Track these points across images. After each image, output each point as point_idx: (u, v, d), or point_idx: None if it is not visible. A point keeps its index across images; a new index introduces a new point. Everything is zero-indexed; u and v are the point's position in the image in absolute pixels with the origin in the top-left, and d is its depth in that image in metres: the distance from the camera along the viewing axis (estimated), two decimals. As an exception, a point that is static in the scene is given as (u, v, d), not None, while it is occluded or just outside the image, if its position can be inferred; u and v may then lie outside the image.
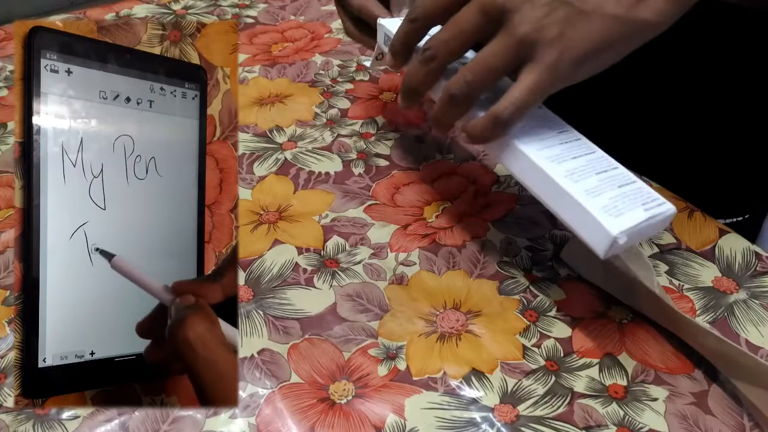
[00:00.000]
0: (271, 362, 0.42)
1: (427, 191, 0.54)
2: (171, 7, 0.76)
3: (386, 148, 0.58)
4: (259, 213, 0.52)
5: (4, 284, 0.46)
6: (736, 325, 0.44)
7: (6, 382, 0.41)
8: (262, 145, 0.58)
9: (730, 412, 0.40)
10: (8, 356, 0.42)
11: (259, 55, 0.70)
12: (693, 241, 0.50)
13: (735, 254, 0.49)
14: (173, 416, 0.39)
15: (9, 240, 0.49)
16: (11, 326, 0.43)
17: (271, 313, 0.45)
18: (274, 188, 0.54)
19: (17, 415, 0.39)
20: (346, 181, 0.55)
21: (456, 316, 0.45)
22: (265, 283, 0.47)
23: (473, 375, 0.41)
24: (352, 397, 0.40)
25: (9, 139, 0.59)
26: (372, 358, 0.42)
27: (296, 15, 0.77)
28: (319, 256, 0.49)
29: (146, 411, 0.39)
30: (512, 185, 0.54)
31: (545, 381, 0.41)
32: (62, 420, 0.39)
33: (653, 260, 0.48)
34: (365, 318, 0.44)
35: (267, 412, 0.39)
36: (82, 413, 0.39)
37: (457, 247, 0.49)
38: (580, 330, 0.44)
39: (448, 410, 0.39)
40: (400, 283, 0.47)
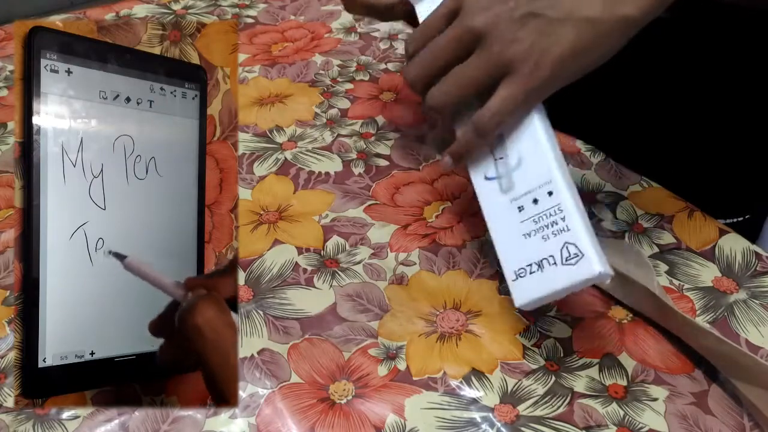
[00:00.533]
0: (271, 362, 0.42)
1: (427, 191, 0.54)
2: (171, 7, 0.76)
3: (386, 148, 0.58)
4: (259, 213, 0.52)
5: (4, 284, 0.46)
6: (736, 325, 0.44)
7: (6, 382, 0.41)
8: (262, 145, 0.58)
9: (730, 412, 0.40)
10: (8, 356, 0.42)
11: (259, 55, 0.70)
12: (693, 241, 0.50)
13: (735, 254, 0.49)
14: (173, 416, 0.39)
15: (9, 240, 0.49)
16: (11, 326, 0.43)
17: (271, 313, 0.45)
18: (274, 188, 0.54)
19: (17, 415, 0.39)
20: (346, 181, 0.55)
21: (456, 316, 0.45)
22: (265, 283, 0.47)
23: (473, 375, 0.41)
24: (352, 397, 0.40)
25: (9, 139, 0.59)
26: (372, 358, 0.42)
27: (296, 15, 0.77)
28: (319, 256, 0.49)
29: (146, 411, 0.39)
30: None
31: (545, 381, 0.41)
32: (62, 420, 0.39)
33: (653, 260, 0.48)
34: (365, 318, 0.44)
35: (267, 412, 0.39)
36: (82, 413, 0.39)
37: (457, 247, 0.49)
38: (580, 330, 0.44)
39: (448, 410, 0.39)
40: (400, 283, 0.47)
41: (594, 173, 0.55)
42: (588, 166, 0.56)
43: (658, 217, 0.51)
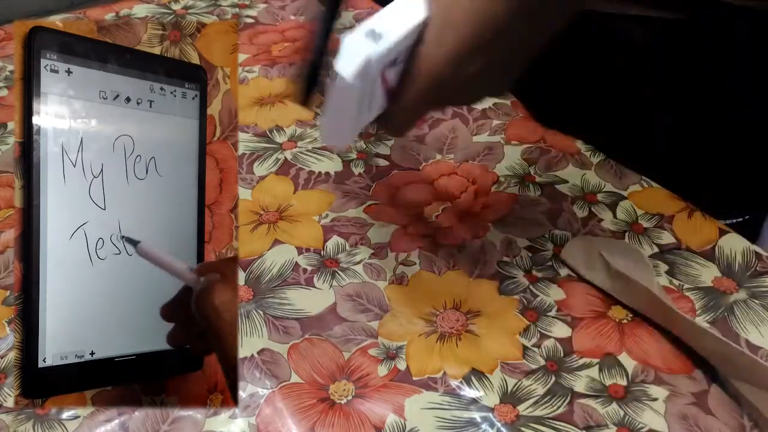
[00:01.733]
0: (271, 362, 0.42)
1: (427, 191, 0.54)
2: (171, 7, 0.76)
3: (386, 148, 0.58)
4: (259, 213, 0.52)
5: (4, 284, 0.46)
6: (736, 325, 0.44)
7: (6, 382, 0.41)
8: (262, 145, 0.58)
9: (730, 412, 0.40)
10: (8, 356, 0.42)
11: (259, 55, 0.70)
12: (693, 241, 0.50)
13: (735, 254, 0.49)
14: (173, 416, 0.39)
15: (9, 240, 0.49)
16: (11, 326, 0.43)
17: (271, 312, 0.45)
18: (274, 188, 0.54)
19: (17, 415, 0.39)
20: (346, 181, 0.55)
21: (456, 316, 0.45)
22: (265, 283, 0.47)
23: (473, 375, 0.41)
24: (352, 397, 0.40)
25: (9, 139, 0.59)
26: (372, 358, 0.42)
27: (296, 15, 0.77)
28: (319, 256, 0.49)
29: (146, 411, 0.39)
30: (512, 185, 0.54)
31: (545, 381, 0.41)
32: (62, 420, 0.39)
33: (653, 260, 0.48)
34: (365, 318, 0.44)
35: (267, 412, 0.39)
36: (82, 413, 0.39)
37: (457, 247, 0.49)
38: (580, 330, 0.44)
39: (448, 410, 0.39)
40: (400, 283, 0.47)
41: (594, 173, 0.55)
42: (588, 166, 0.56)
43: (658, 217, 0.51)
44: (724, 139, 0.60)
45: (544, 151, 0.57)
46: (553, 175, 0.55)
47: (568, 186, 0.54)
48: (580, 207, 0.52)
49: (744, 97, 0.58)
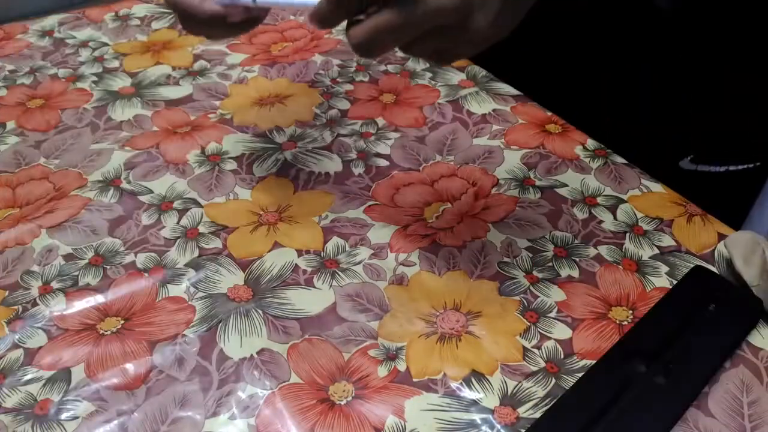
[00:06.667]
0: (270, 362, 0.42)
1: (427, 192, 0.54)
2: (171, 7, 0.76)
3: (386, 148, 0.58)
4: (259, 213, 0.52)
5: (4, 284, 0.46)
6: (736, 327, 0.44)
7: (6, 382, 0.40)
8: (261, 145, 0.58)
9: (731, 413, 0.40)
10: (8, 356, 0.42)
11: (259, 54, 0.70)
12: (692, 244, 0.50)
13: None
14: (173, 416, 0.39)
15: (9, 240, 0.49)
16: (11, 326, 0.43)
17: (271, 312, 0.45)
18: (274, 189, 0.54)
19: (16, 416, 0.39)
20: (346, 182, 0.55)
21: (456, 316, 0.45)
22: (264, 283, 0.46)
23: (473, 376, 0.41)
24: (352, 398, 0.40)
25: (9, 139, 0.59)
26: (372, 358, 0.42)
27: (296, 15, 0.77)
28: (319, 257, 0.48)
29: (146, 411, 0.39)
30: (512, 188, 0.54)
31: (545, 383, 0.41)
32: (61, 421, 0.39)
33: (654, 261, 0.48)
34: (365, 318, 0.44)
35: (266, 412, 0.39)
36: (81, 413, 0.39)
37: (457, 247, 0.49)
38: (580, 331, 0.44)
39: (448, 412, 0.39)
40: (401, 283, 0.47)
41: (593, 178, 0.55)
42: (588, 171, 0.56)
43: (657, 220, 0.51)
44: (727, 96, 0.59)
45: (544, 156, 0.57)
46: (553, 179, 0.55)
47: (568, 189, 0.54)
48: (581, 209, 0.52)
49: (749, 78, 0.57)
